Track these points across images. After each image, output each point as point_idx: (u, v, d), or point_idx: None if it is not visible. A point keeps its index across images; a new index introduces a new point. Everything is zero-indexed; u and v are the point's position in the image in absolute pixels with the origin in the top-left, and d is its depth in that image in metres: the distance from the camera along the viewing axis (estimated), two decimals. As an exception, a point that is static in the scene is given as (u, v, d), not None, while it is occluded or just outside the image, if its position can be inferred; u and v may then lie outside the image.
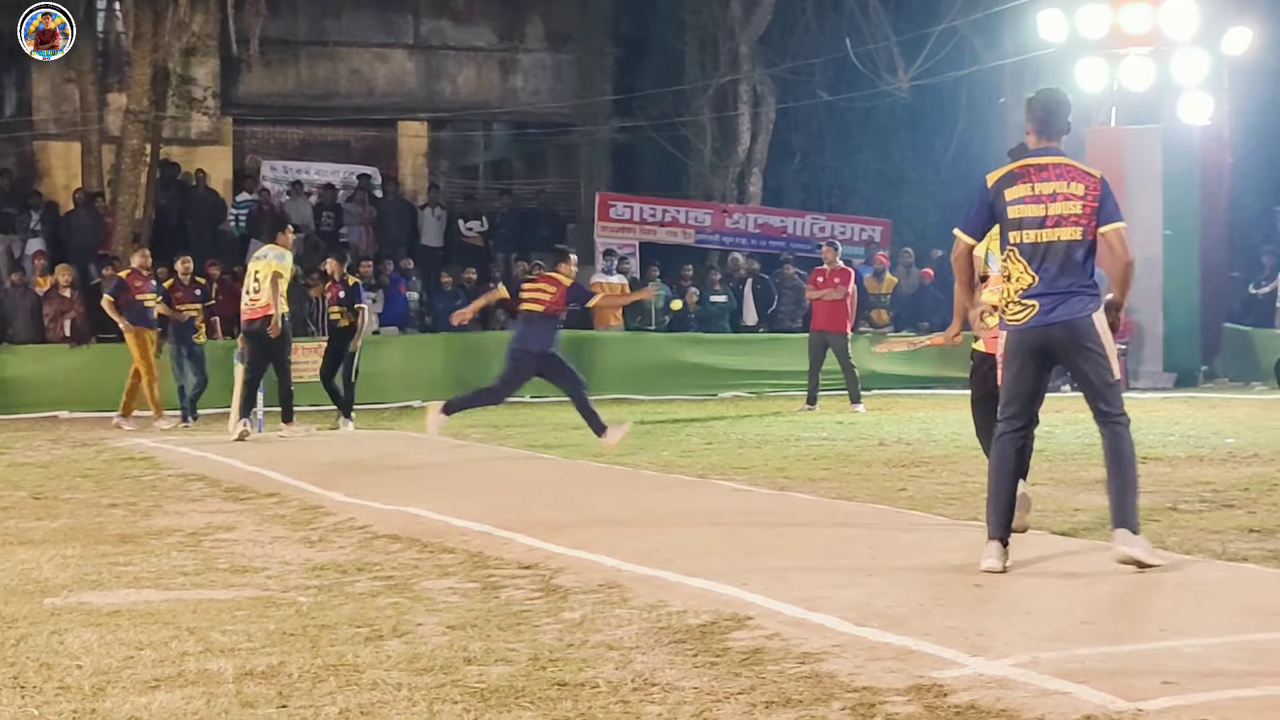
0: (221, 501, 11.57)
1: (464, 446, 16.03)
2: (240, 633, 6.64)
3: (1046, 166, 7.79)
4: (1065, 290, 7.65)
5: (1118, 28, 24.59)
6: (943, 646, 6.02)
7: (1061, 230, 7.67)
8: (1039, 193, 7.71)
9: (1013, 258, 7.74)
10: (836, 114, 31.28)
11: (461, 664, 6.02)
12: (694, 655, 6.09)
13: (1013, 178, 7.80)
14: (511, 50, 32.79)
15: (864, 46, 28.93)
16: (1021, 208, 7.71)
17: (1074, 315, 7.65)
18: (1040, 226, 7.68)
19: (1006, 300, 7.80)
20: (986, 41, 28.94)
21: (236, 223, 28.66)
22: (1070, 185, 7.72)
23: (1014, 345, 7.80)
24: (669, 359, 25.43)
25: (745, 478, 12.44)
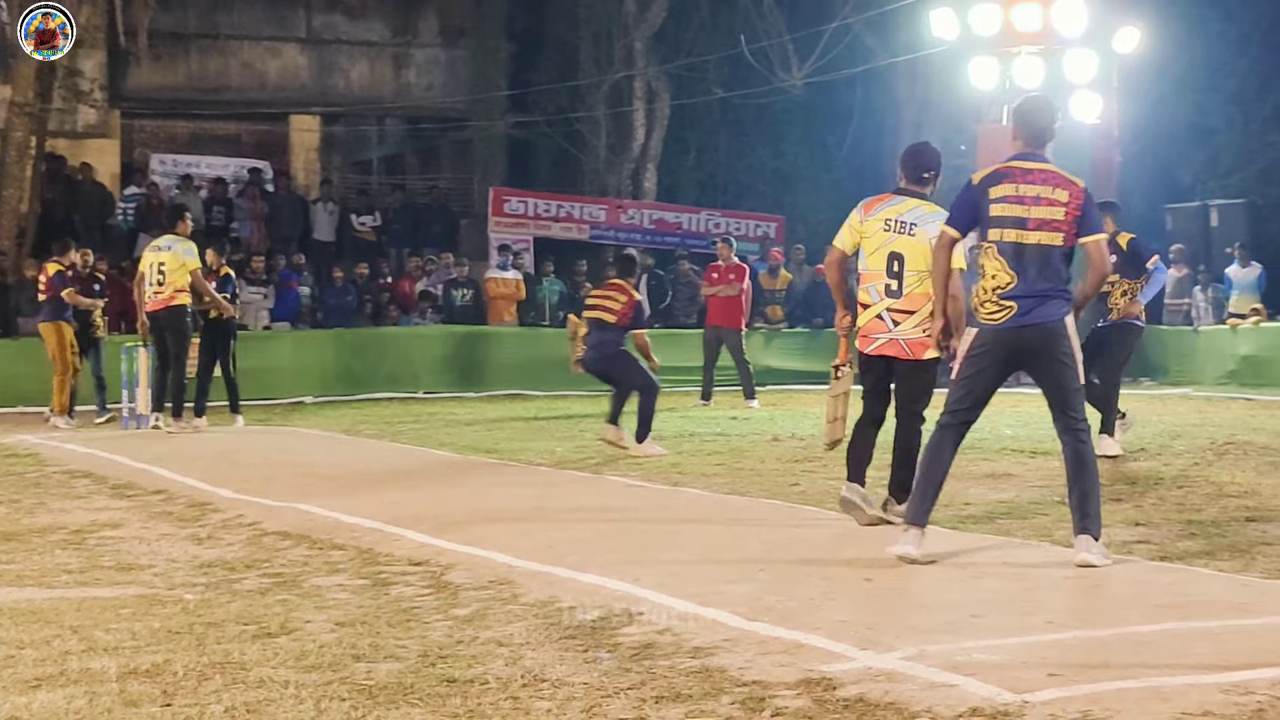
0: (108, 498, 11.41)
1: (355, 443, 15.93)
2: (124, 631, 6.55)
3: (1033, 170, 7.82)
4: (1043, 293, 7.69)
5: (1009, 26, 24.78)
6: (832, 640, 6.04)
7: (1042, 234, 7.69)
8: (1022, 194, 7.75)
9: (991, 255, 7.76)
10: (731, 110, 31.36)
11: (350, 661, 5.98)
12: (584, 651, 6.07)
13: (998, 177, 7.85)
14: (405, 45, 32.62)
15: (758, 44, 29.03)
16: (1004, 207, 7.74)
17: (1049, 319, 7.70)
18: (1021, 228, 7.71)
19: (983, 298, 7.79)
20: (880, 39, 29.15)
21: (124, 217, 28.28)
22: (1055, 191, 7.76)
23: (984, 344, 7.78)
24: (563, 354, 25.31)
25: (638, 473, 12.44)
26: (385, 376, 24.17)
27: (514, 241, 27.75)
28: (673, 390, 24.04)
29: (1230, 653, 5.74)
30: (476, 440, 15.82)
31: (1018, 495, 10.60)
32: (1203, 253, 26.66)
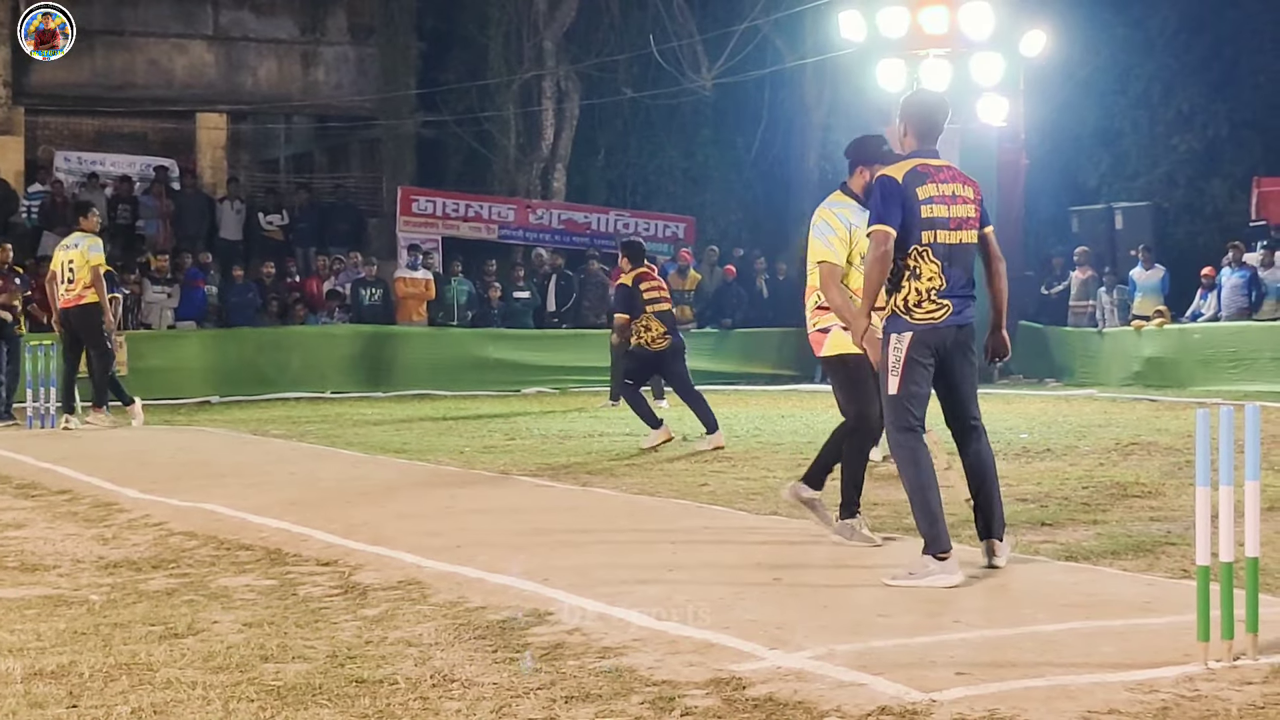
0: (12, 498, 11.29)
1: (263, 442, 15.84)
2: (30, 632, 6.49)
3: (941, 168, 7.68)
4: (968, 294, 7.65)
5: (917, 28, 24.97)
6: (742, 640, 6.07)
7: (964, 233, 7.62)
8: (944, 193, 7.58)
9: (926, 257, 7.51)
10: (641, 111, 31.39)
11: (258, 662, 5.95)
12: (494, 651, 6.07)
13: (920, 176, 7.57)
14: (313, 43, 32.38)
15: (668, 44, 29.10)
16: (934, 207, 7.53)
17: (972, 317, 7.68)
18: (948, 228, 7.56)
19: (918, 299, 7.51)
20: (788, 41, 29.30)
21: (29, 214, 27.97)
22: (964, 188, 7.68)
23: (921, 344, 7.51)
24: (472, 354, 25.39)
25: (548, 474, 12.46)
26: (292, 376, 24.07)
27: (423, 241, 27.66)
28: (581, 390, 24.14)
29: (1135, 651, 5.80)
30: (385, 440, 15.76)
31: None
32: (1108, 255, 26.95)
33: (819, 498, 8.65)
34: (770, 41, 29.27)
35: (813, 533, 8.76)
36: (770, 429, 16.62)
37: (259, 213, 28.67)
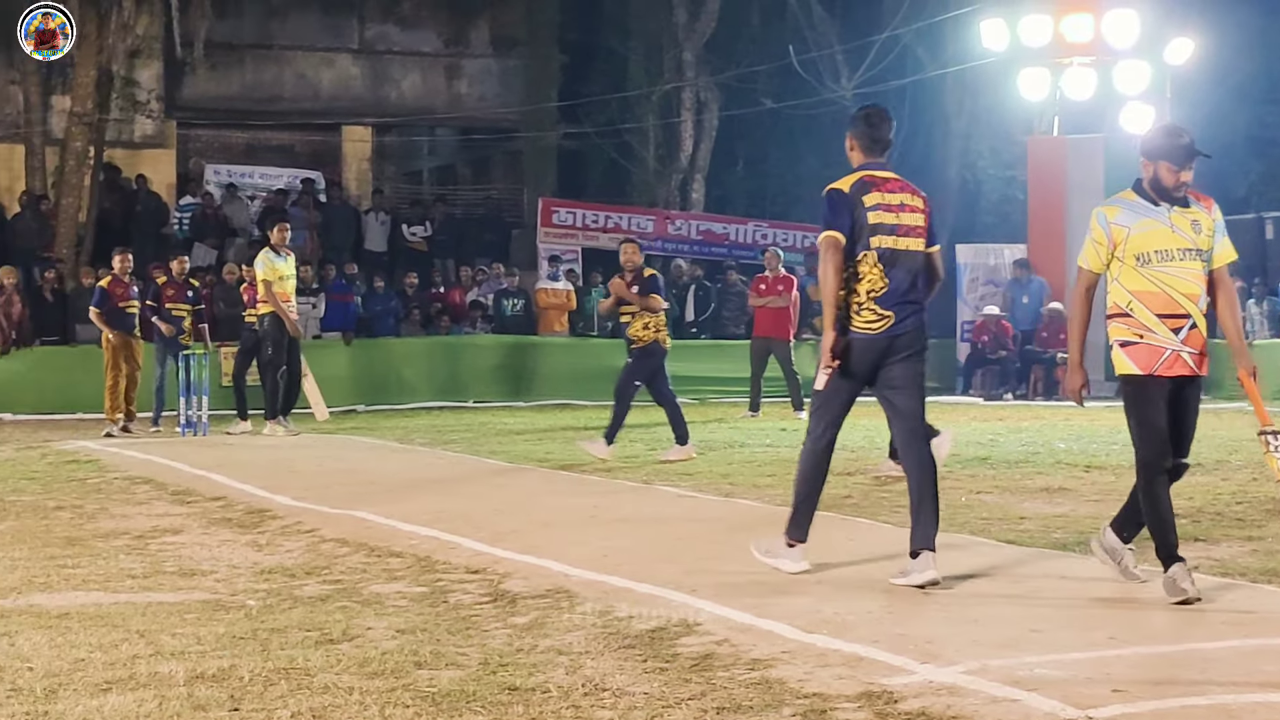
0: (168, 504, 11.52)
1: (408, 451, 16.01)
2: (190, 636, 6.63)
3: (889, 180, 7.94)
4: (914, 300, 7.84)
5: (1060, 37, 24.77)
6: (892, 653, 6.05)
7: (910, 240, 7.85)
8: (889, 203, 7.85)
9: (869, 262, 7.76)
10: (780, 121, 31.37)
11: (412, 668, 6.03)
12: (643, 661, 6.11)
13: (865, 186, 7.86)
14: (457, 55, 32.74)
15: (808, 54, 29.07)
16: (879, 214, 7.79)
17: (918, 325, 7.86)
18: (894, 234, 7.81)
19: (858, 306, 7.77)
20: (929, 50, 29.12)
21: (179, 226, 28.52)
22: (913, 199, 7.94)
23: (858, 353, 7.78)
24: (612, 365, 25.39)
25: (690, 484, 12.47)
26: (436, 386, 24.31)
27: (563, 252, 27.84)
28: (721, 401, 24.14)
29: (1297, 671, 5.72)
30: (528, 450, 15.87)
31: (1073, 509, 10.58)
32: (1258, 265, 26.54)
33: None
34: (911, 50, 29.12)
35: (958, 544, 8.72)
36: (913, 441, 16.47)
37: (403, 224, 29.02)
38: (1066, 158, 25.37)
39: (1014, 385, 25.14)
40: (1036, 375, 25.34)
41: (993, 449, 15.23)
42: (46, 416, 21.49)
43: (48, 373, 22.54)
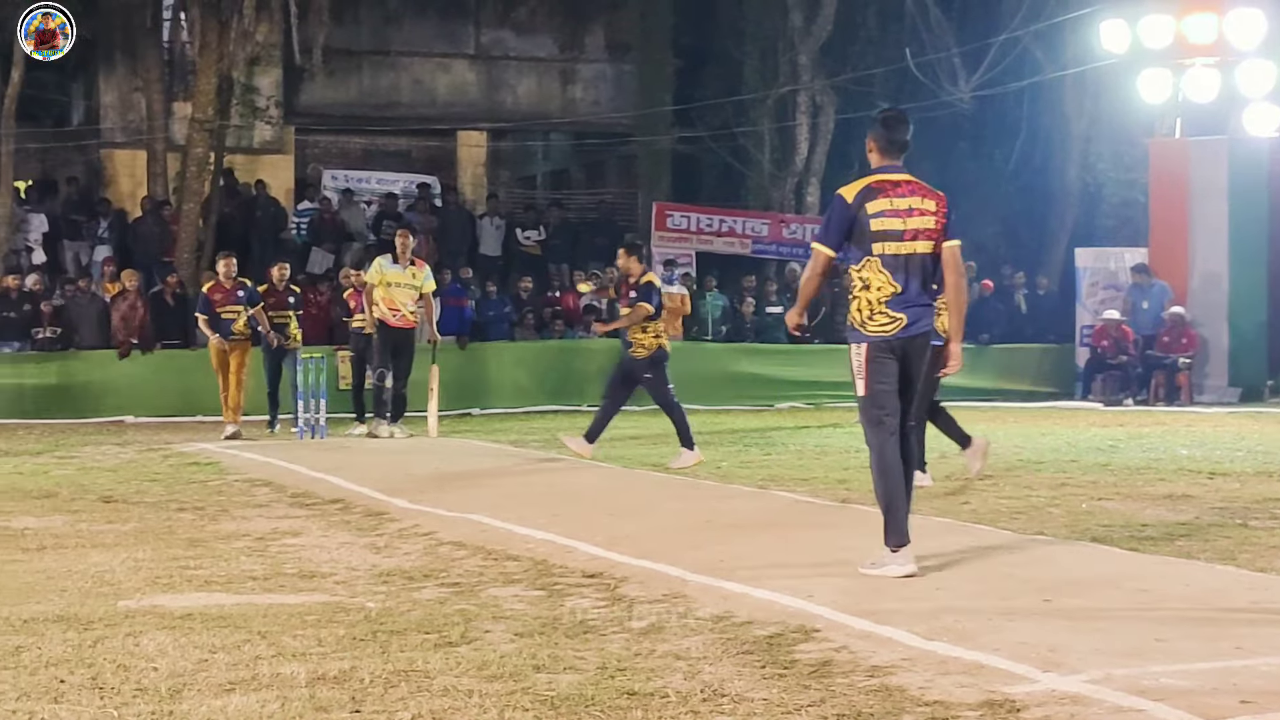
0: (287, 507, 11.64)
1: (523, 454, 16.08)
2: (311, 637, 6.68)
3: (900, 183, 8.16)
4: (924, 303, 8.13)
5: (1182, 38, 24.46)
6: (1014, 661, 5.98)
7: (918, 244, 8.07)
8: (897, 207, 8.06)
9: (875, 268, 8.04)
10: (897, 124, 31.13)
11: (530, 671, 6.04)
12: (762, 667, 6.08)
13: (870, 192, 8.10)
14: (572, 60, 32.88)
15: (925, 56, 28.86)
16: (883, 221, 8.01)
17: (929, 327, 8.20)
18: (900, 240, 8.03)
19: (870, 311, 8.08)
20: (1048, 52, 28.81)
21: (298, 231, 28.85)
22: (924, 201, 8.14)
23: (878, 355, 8.09)
24: (726, 369, 25.45)
25: (806, 489, 12.42)
26: (550, 390, 24.40)
27: (678, 256, 27.86)
28: (836, 405, 24.03)
29: None
30: (642, 454, 15.89)
31: (1197, 517, 10.42)
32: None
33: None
34: (1030, 52, 28.83)
35: (1082, 552, 8.63)
36: (1031, 446, 16.37)
37: (517, 228, 29.17)
38: (1189, 160, 25.05)
39: (1135, 390, 24.84)
40: (1158, 380, 25.02)
41: (1114, 455, 15.07)
42: (167, 419, 21.82)
43: (168, 376, 22.89)
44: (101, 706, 5.55)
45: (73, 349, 23.03)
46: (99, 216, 27.40)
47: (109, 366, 22.58)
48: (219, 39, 26.03)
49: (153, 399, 22.55)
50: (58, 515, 11.25)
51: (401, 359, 18.14)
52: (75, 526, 10.57)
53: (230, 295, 18.69)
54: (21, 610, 7.32)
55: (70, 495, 12.52)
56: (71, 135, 30.99)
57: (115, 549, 9.40)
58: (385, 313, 17.91)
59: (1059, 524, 10.04)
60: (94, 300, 23.73)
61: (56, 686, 5.83)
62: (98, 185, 29.90)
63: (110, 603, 7.54)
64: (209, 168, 26.71)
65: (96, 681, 5.90)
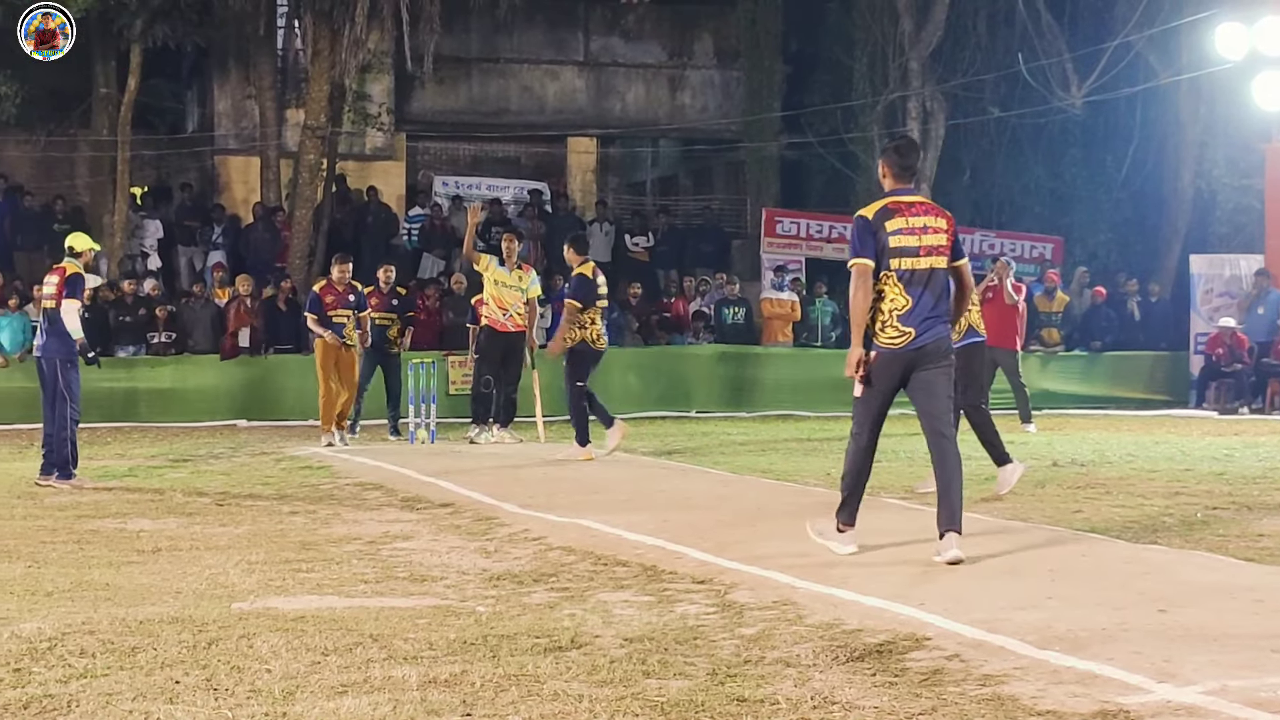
0: (398, 510, 11.74)
1: (632, 460, 16.09)
2: (422, 641, 6.72)
3: (914, 204, 8.77)
4: (937, 315, 8.69)
5: (1300, 43, 24.13)
6: (1128, 671, 5.92)
7: (934, 259, 8.69)
8: (912, 225, 8.66)
9: (890, 282, 8.64)
10: (1007, 130, 30.97)
11: (641, 677, 6.05)
12: (872, 675, 6.06)
13: (888, 212, 8.69)
14: (680, 67, 32.90)
15: (1036, 62, 28.60)
16: (900, 238, 8.62)
17: (940, 336, 8.72)
18: (915, 255, 8.64)
19: (883, 323, 8.69)
20: (1162, 57, 28.47)
21: (409, 237, 29.07)
22: (936, 220, 8.75)
23: (884, 365, 8.72)
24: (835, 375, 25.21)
25: (916, 497, 12.34)
26: (658, 396, 24.41)
27: (787, 262, 27.80)
28: (947, 413, 23.87)
29: None
30: (751, 461, 15.86)
31: (1314, 527, 10.27)
32: None
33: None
34: (1143, 58, 28.51)
35: (1196, 562, 8.53)
36: (1145, 455, 16.19)
37: (625, 234, 29.24)
38: (1306, 166, 24.72)
39: (1250, 399, 24.49)
40: (1273, 389, 24.67)
41: (1228, 464, 14.86)
42: (279, 423, 22.05)
43: (280, 380, 23.15)
44: (216, 708, 5.62)
45: (186, 353, 23.33)
46: (212, 222, 27.77)
47: (222, 371, 22.86)
48: (331, 47, 26.30)
49: (265, 403, 22.82)
50: (172, 518, 11.41)
51: (511, 364, 18.19)
52: (189, 529, 10.71)
53: (341, 298, 18.33)
54: (137, 611, 7.43)
55: (184, 498, 12.70)
56: (186, 142, 31.43)
57: (229, 551, 9.53)
58: (495, 313, 17.95)
59: (1173, 533, 9.92)
60: (207, 305, 24.03)
61: (172, 687, 5.91)
62: (211, 191, 30.29)
63: (224, 605, 7.64)
64: (321, 174, 26.99)
65: (211, 682, 5.98)
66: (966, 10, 30.79)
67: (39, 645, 6.65)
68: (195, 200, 29.14)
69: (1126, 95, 28.92)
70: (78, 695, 5.77)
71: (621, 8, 32.89)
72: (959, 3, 30.46)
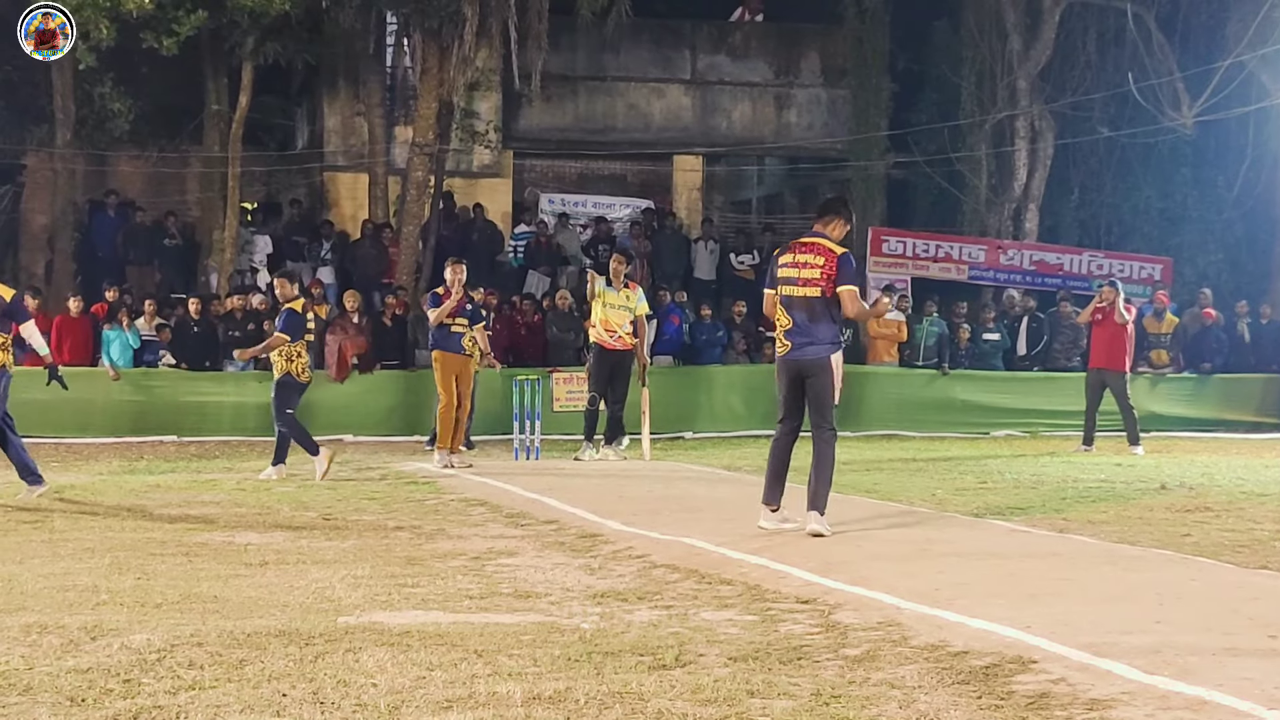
0: (502, 527, 11.79)
1: (736, 478, 16.09)
2: (526, 657, 6.75)
3: (806, 244, 11.04)
4: (810, 333, 10.88)
5: None
6: (1238, 698, 5.84)
7: (807, 289, 10.84)
8: (797, 261, 10.95)
9: (779, 306, 11.00)
10: (1116, 150, 30.72)
11: (745, 696, 6.04)
12: (978, 697, 6.02)
13: (786, 250, 11.20)
14: (787, 85, 32.87)
15: (1147, 82, 28.35)
16: (786, 270, 10.97)
17: (814, 355, 10.92)
18: (795, 285, 10.90)
19: (776, 336, 11.14)
20: (1274, 76, 28.12)
21: (514, 254, 29.22)
22: (816, 258, 10.86)
23: (778, 369, 11.20)
24: (941, 396, 25.22)
25: (1022, 518, 12.25)
26: (762, 414, 24.36)
27: (894, 281, 27.69)
28: (1053, 434, 23.69)
29: None
30: (856, 480, 15.78)
31: None
32: None
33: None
34: (1255, 77, 28.17)
35: (1308, 589, 8.41)
36: (1254, 479, 15.97)
37: (730, 253, 29.23)
38: None
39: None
40: (1386, 412, 24.27)
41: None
42: (385, 439, 22.22)
43: (387, 396, 23.36)
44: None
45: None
46: (321, 238, 28.04)
47: (329, 386, 23.04)
48: (440, 65, 26.50)
49: (371, 419, 23.01)
50: (279, 531, 11.52)
51: (618, 382, 18.26)
52: (296, 543, 10.81)
53: (458, 307, 17.52)
54: (245, 624, 7.50)
55: (291, 512, 12.82)
56: (295, 159, 31.79)
57: (335, 566, 9.60)
58: (602, 335, 18.06)
59: None
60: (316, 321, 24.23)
61: (279, 700, 5.97)
62: (320, 208, 30.59)
63: (330, 619, 7.70)
64: (429, 191, 27.20)
65: (317, 696, 6.02)
66: (1076, 29, 30.58)
67: (148, 657, 6.73)
68: (304, 216, 29.44)
69: (1238, 115, 28.58)
70: (186, 707, 5.84)
71: (728, 26, 32.94)
72: (1068, 21, 30.26)
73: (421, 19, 26.38)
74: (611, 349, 18.12)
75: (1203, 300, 27.38)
